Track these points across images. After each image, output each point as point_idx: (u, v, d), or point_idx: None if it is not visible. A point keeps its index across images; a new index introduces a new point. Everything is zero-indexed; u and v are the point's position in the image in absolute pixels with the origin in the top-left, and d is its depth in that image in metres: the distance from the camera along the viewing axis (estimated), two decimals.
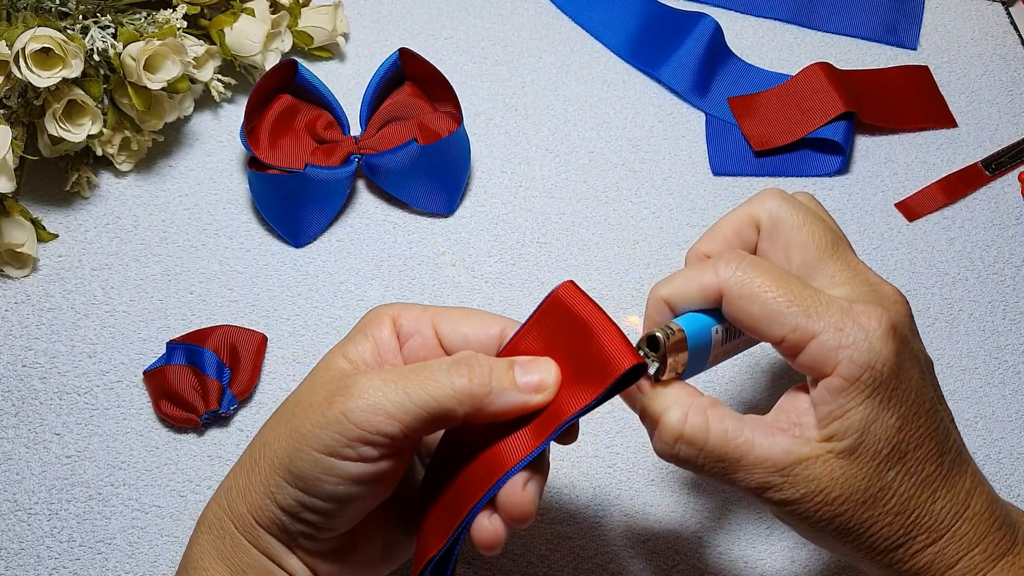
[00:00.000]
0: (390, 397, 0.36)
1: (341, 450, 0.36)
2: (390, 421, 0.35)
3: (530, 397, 0.37)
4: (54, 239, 0.58)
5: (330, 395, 0.37)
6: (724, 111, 0.65)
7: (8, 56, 0.52)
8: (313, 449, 0.36)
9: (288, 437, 0.37)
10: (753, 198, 0.41)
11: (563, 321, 0.38)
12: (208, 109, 0.63)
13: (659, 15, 0.68)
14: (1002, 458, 0.55)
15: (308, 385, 0.39)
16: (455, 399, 0.36)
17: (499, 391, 0.37)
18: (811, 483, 0.36)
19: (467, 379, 0.36)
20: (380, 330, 0.40)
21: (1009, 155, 0.64)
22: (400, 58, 0.60)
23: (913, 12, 0.70)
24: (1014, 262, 0.61)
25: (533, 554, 0.50)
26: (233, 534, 0.39)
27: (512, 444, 0.38)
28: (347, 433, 0.35)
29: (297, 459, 0.36)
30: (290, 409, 0.38)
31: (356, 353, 0.39)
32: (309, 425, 0.36)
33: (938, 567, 0.37)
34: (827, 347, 0.35)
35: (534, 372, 0.37)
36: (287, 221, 0.58)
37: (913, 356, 0.37)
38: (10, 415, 0.53)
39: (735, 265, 0.37)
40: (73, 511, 0.51)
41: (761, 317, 0.36)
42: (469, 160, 0.61)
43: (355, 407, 0.35)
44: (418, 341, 0.40)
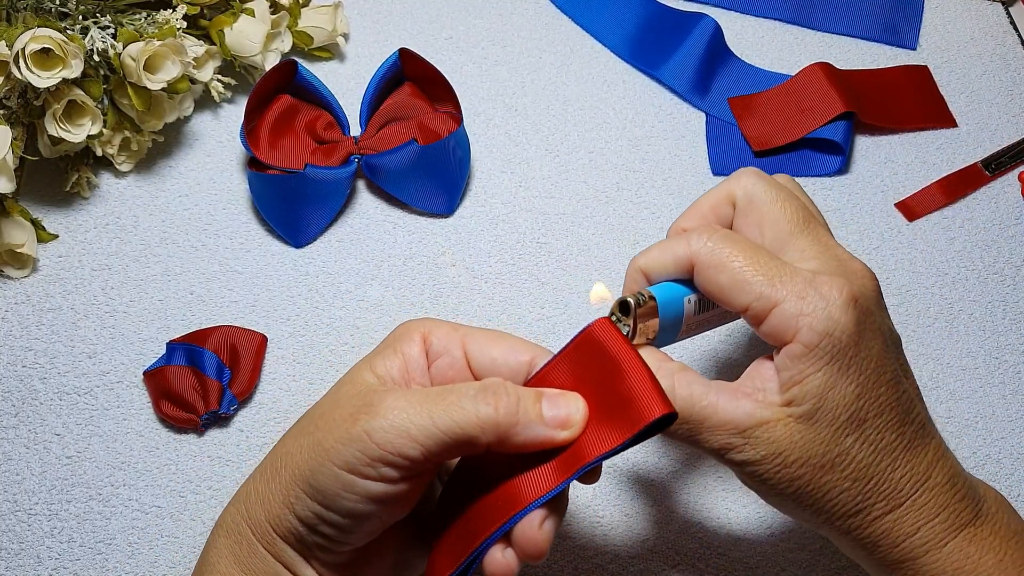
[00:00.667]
0: (414, 420, 0.35)
1: (362, 469, 0.36)
2: (413, 444, 0.35)
3: (556, 433, 0.37)
4: (54, 239, 0.58)
5: (355, 411, 0.36)
6: (724, 111, 0.65)
7: (8, 56, 0.52)
8: (334, 465, 0.36)
9: (311, 450, 0.37)
10: (731, 176, 0.42)
11: (595, 358, 0.38)
12: (208, 109, 0.63)
13: (659, 15, 0.68)
14: (1002, 458, 0.55)
15: (333, 398, 0.39)
16: (479, 427, 0.36)
17: (525, 423, 0.36)
18: (771, 445, 0.38)
19: (493, 408, 0.36)
20: (409, 346, 0.39)
21: (1009, 155, 0.64)
22: (400, 58, 0.60)
23: (913, 12, 0.70)
24: (1014, 262, 0.61)
25: None
26: (250, 540, 0.39)
27: (532, 478, 0.37)
28: (369, 452, 0.35)
29: (318, 473, 0.36)
30: (314, 421, 0.38)
31: (384, 368, 0.39)
32: (332, 440, 0.36)
33: (896, 535, 0.38)
34: (788, 315, 0.37)
35: (562, 407, 0.37)
36: (287, 221, 0.58)
37: (875, 328, 0.38)
38: (10, 415, 0.53)
39: (707, 237, 0.38)
40: (73, 511, 0.51)
41: (728, 286, 0.38)
42: (469, 160, 0.61)
43: (379, 427, 0.35)
44: (446, 361, 0.39)
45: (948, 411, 0.56)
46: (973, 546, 0.39)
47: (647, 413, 0.36)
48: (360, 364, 0.40)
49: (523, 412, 0.36)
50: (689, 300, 0.40)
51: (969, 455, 0.54)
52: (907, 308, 0.59)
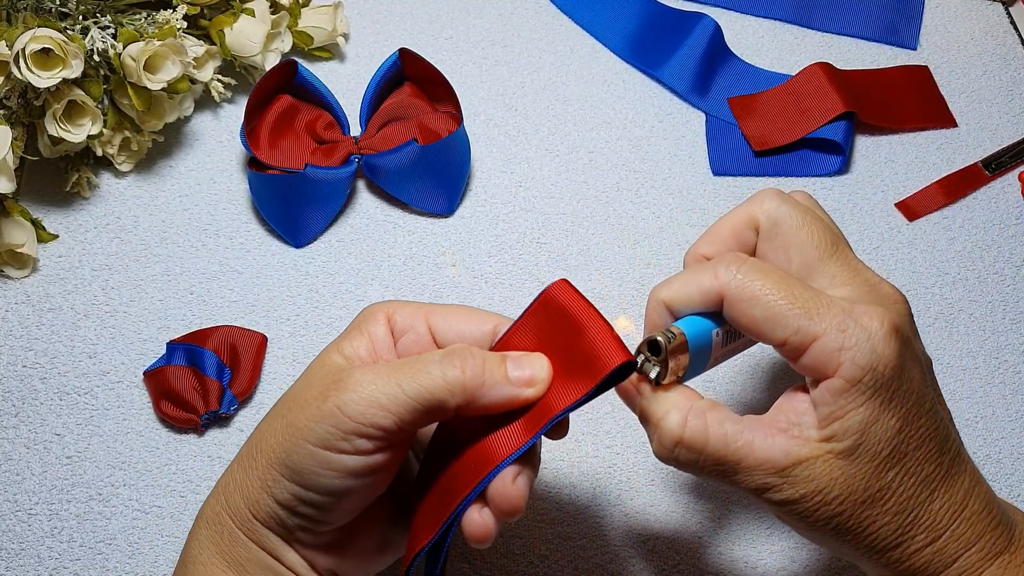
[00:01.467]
0: (383, 390, 0.36)
1: (336, 443, 0.36)
2: (384, 413, 0.36)
3: (521, 391, 0.37)
4: (54, 239, 0.58)
5: (325, 389, 0.37)
6: (724, 111, 0.65)
7: (8, 56, 0.52)
8: (308, 443, 0.36)
9: (284, 432, 0.37)
10: (751, 199, 0.41)
11: (556, 318, 0.38)
12: (208, 109, 0.63)
13: (659, 15, 0.68)
14: (1002, 458, 0.55)
15: (304, 381, 0.39)
16: (447, 390, 0.36)
17: (491, 384, 0.37)
18: (810, 483, 0.36)
19: (459, 371, 0.37)
20: (375, 326, 0.40)
21: (1009, 155, 0.64)
22: (400, 58, 0.60)
23: (913, 12, 0.70)
24: (1014, 262, 0.61)
25: (533, 554, 0.50)
26: (231, 529, 0.39)
27: (502, 437, 0.38)
28: (342, 426, 0.36)
29: (293, 453, 0.37)
30: (286, 404, 0.39)
31: (351, 349, 0.39)
32: (304, 419, 0.37)
33: (936, 566, 0.37)
34: (829, 349, 0.35)
35: (526, 367, 0.38)
36: (287, 221, 0.58)
37: (914, 356, 0.37)
38: (10, 415, 0.53)
39: (735, 268, 0.37)
40: (73, 511, 0.51)
41: (763, 320, 0.36)
42: (469, 160, 0.61)
43: (349, 400, 0.36)
44: (412, 337, 0.40)
45: None
46: (1008, 573, 0.38)
47: (606, 364, 0.36)
48: (328, 348, 0.40)
49: (489, 373, 0.37)
50: (717, 333, 0.39)
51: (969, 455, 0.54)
52: None
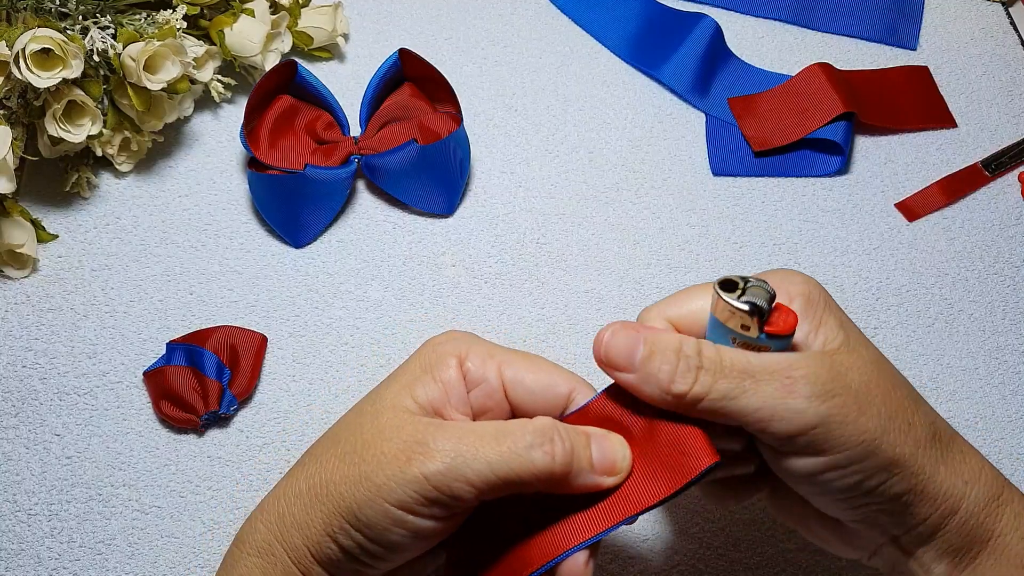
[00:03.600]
0: (472, 465, 0.35)
1: (416, 508, 0.36)
2: (469, 488, 0.36)
3: (603, 479, 0.37)
4: (54, 239, 0.58)
5: (407, 449, 0.36)
6: (724, 111, 0.65)
7: (8, 57, 0.52)
8: (387, 502, 0.36)
9: (359, 483, 0.37)
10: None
11: (637, 400, 0.38)
12: (208, 110, 0.63)
13: (659, 15, 0.68)
14: (1002, 458, 0.55)
15: (375, 426, 0.38)
16: (535, 476, 0.36)
17: (577, 471, 0.36)
18: (830, 380, 0.36)
19: (551, 458, 0.36)
20: (447, 372, 0.39)
21: (1009, 155, 0.64)
22: (400, 58, 0.60)
23: (913, 12, 0.70)
24: (1014, 262, 0.61)
25: None
26: (286, 564, 0.39)
27: (578, 521, 0.37)
28: (426, 494, 0.35)
29: (368, 507, 0.36)
30: (359, 452, 0.38)
31: (424, 396, 0.38)
32: (384, 477, 0.36)
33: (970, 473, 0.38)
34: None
35: (607, 451, 0.37)
36: (287, 221, 0.58)
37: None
38: (10, 416, 0.53)
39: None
40: (73, 512, 0.51)
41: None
42: (469, 160, 0.61)
43: (436, 471, 0.35)
44: (485, 391, 0.39)
45: (948, 411, 0.56)
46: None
47: (695, 464, 0.35)
48: (397, 389, 0.39)
49: (576, 461, 0.36)
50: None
51: None
52: (907, 308, 0.59)
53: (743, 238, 0.60)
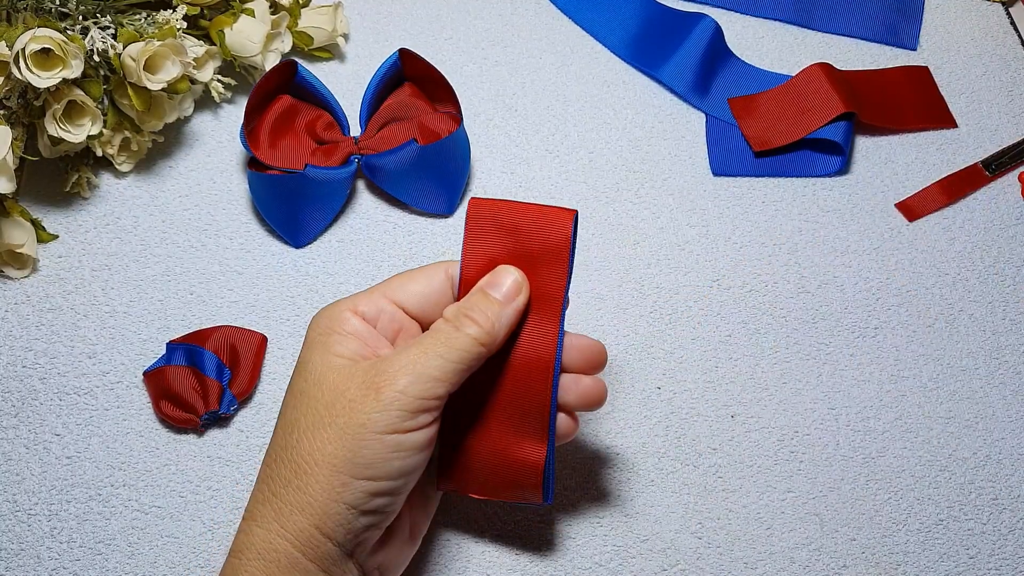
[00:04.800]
0: (432, 363, 0.40)
1: (404, 424, 0.39)
2: (439, 384, 0.40)
3: (517, 303, 0.42)
4: (54, 239, 0.58)
5: (370, 382, 0.40)
6: (724, 111, 0.65)
7: (8, 57, 0.52)
8: (377, 433, 0.39)
9: (342, 434, 0.39)
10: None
11: (491, 230, 0.43)
12: (208, 110, 0.63)
13: (659, 15, 0.68)
14: (1002, 458, 0.55)
15: (325, 391, 0.40)
16: (479, 344, 0.41)
17: (496, 317, 0.41)
18: None
19: (476, 325, 0.41)
20: (349, 324, 0.42)
21: (1009, 155, 0.64)
22: (400, 58, 0.60)
23: (913, 12, 0.70)
24: (1014, 262, 0.61)
25: (533, 554, 0.50)
26: (291, 556, 0.39)
27: (533, 346, 0.42)
28: (408, 407, 0.39)
29: (363, 448, 0.39)
30: (326, 416, 0.40)
31: (346, 350, 0.41)
32: (365, 416, 0.39)
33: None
34: None
35: (501, 284, 0.42)
36: (287, 221, 0.58)
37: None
38: (10, 416, 0.53)
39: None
40: (73, 512, 0.51)
41: None
42: (469, 160, 0.61)
43: (407, 383, 0.39)
44: (387, 318, 0.43)
45: (948, 411, 0.56)
46: None
47: (563, 230, 0.42)
48: (318, 360, 0.41)
49: (492, 311, 0.41)
50: None
51: (969, 455, 0.54)
52: (907, 308, 0.59)
53: (743, 238, 0.60)
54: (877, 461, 0.54)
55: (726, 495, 0.52)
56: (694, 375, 0.56)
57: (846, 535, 0.51)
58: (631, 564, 0.50)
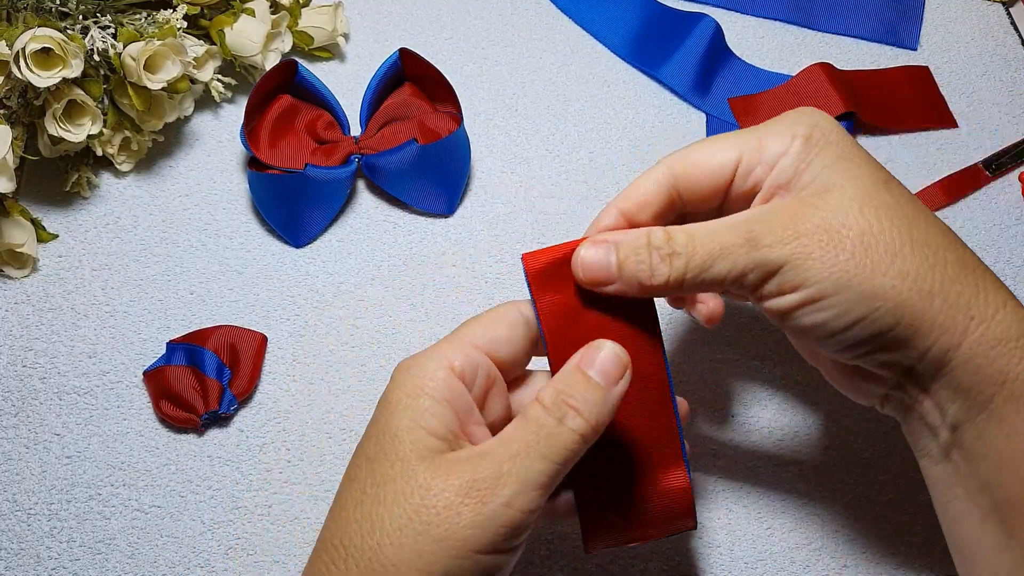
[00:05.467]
0: (535, 470, 0.35)
1: (506, 544, 0.35)
2: (543, 494, 0.35)
3: (621, 386, 0.37)
4: (54, 239, 0.58)
5: (470, 488, 0.34)
6: (724, 111, 0.65)
7: (8, 56, 0.52)
8: (475, 552, 0.34)
9: (438, 547, 0.34)
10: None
11: (555, 277, 0.39)
12: (208, 109, 0.63)
13: (659, 15, 0.68)
14: None
15: (420, 485, 0.35)
16: (584, 441, 0.36)
17: (601, 405, 0.37)
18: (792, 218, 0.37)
19: (581, 419, 0.36)
20: (445, 386, 0.37)
21: (1009, 155, 0.64)
22: (400, 58, 0.60)
23: (913, 12, 0.70)
24: (1014, 262, 0.61)
25: (533, 554, 0.50)
26: None
27: (643, 367, 0.40)
28: (513, 523, 0.34)
29: (458, 565, 0.34)
30: (411, 516, 0.34)
31: (439, 424, 0.36)
32: (466, 529, 0.34)
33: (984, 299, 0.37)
34: (779, 141, 0.38)
35: (600, 363, 0.37)
36: (287, 221, 0.58)
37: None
38: (10, 415, 0.53)
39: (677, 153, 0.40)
40: (73, 511, 0.51)
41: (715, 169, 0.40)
42: (469, 160, 0.61)
43: (512, 495, 0.34)
44: (482, 373, 0.39)
45: None
46: None
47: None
48: (404, 433, 0.36)
49: (595, 398, 0.37)
50: None
51: None
52: None
53: None
54: (878, 462, 0.54)
55: (726, 495, 0.52)
56: (694, 375, 0.56)
57: (846, 536, 0.51)
58: (631, 564, 0.50)
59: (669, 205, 0.40)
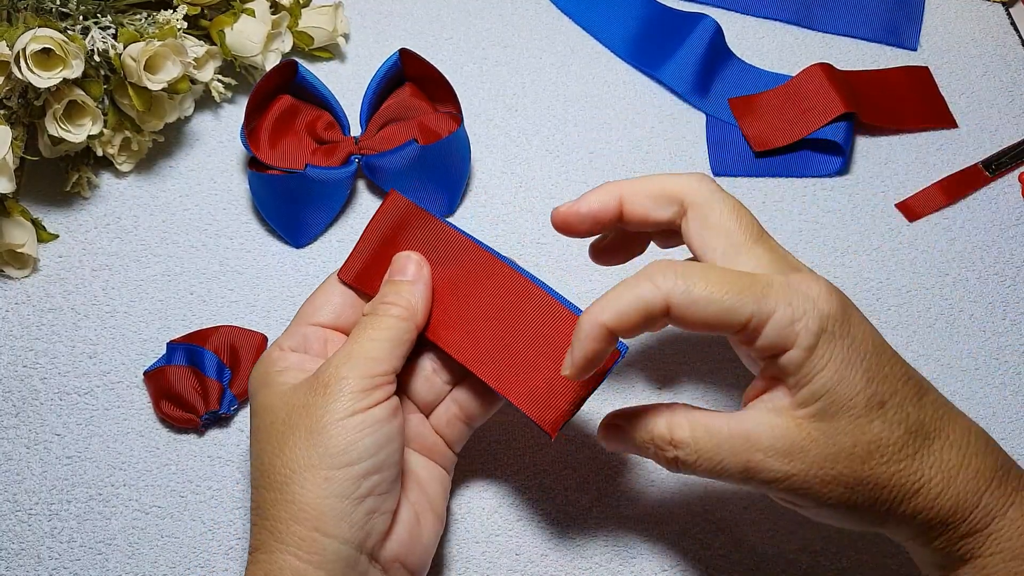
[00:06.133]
0: (366, 347, 0.42)
1: (360, 404, 0.40)
2: (379, 362, 0.42)
3: (424, 275, 0.46)
4: (54, 239, 0.58)
5: (318, 385, 0.41)
6: (724, 112, 0.65)
7: (9, 57, 0.52)
8: (338, 419, 0.40)
9: (309, 436, 0.40)
10: (677, 177, 0.42)
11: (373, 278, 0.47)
12: (208, 109, 0.63)
13: (659, 15, 0.68)
14: None
15: (281, 408, 0.42)
16: (402, 319, 0.43)
17: (409, 292, 0.45)
18: (799, 454, 0.38)
19: (395, 306, 0.44)
20: (282, 361, 0.44)
21: (1009, 155, 0.64)
22: (400, 58, 0.60)
23: (913, 12, 0.70)
24: (1014, 262, 0.61)
25: (533, 554, 0.50)
26: (301, 571, 0.39)
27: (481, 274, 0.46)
28: (357, 387, 0.41)
29: (330, 440, 0.40)
30: (282, 430, 0.41)
31: (288, 378, 0.43)
32: (322, 409, 0.40)
33: (962, 510, 0.38)
34: (783, 324, 0.37)
35: (404, 268, 0.46)
36: (287, 221, 0.58)
37: (858, 312, 0.39)
38: (10, 415, 0.53)
39: (673, 275, 0.37)
40: (73, 512, 0.51)
41: (716, 317, 0.37)
42: (469, 160, 0.61)
43: (349, 368, 0.41)
44: (312, 339, 0.45)
45: None
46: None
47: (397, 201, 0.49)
48: (262, 397, 0.43)
49: (403, 289, 0.45)
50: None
51: None
52: (907, 308, 0.59)
53: None
54: None
55: (727, 497, 0.52)
56: (694, 376, 0.56)
57: (847, 538, 0.51)
58: (631, 564, 0.50)
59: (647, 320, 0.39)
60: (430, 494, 0.46)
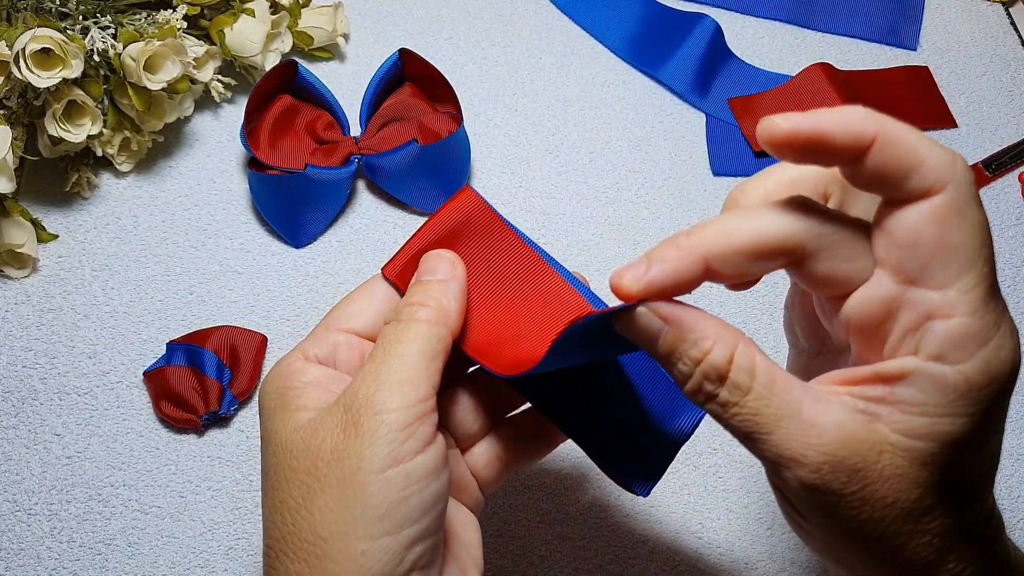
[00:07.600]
0: (396, 367, 0.34)
1: (402, 449, 0.32)
2: (415, 385, 0.33)
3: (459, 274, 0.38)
4: (54, 239, 0.58)
5: (345, 422, 0.33)
6: (724, 111, 0.65)
7: (8, 56, 0.52)
8: (377, 473, 0.32)
9: (341, 493, 0.32)
10: (776, 214, 0.32)
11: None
12: (208, 109, 0.63)
13: (659, 15, 0.68)
14: (1003, 459, 0.54)
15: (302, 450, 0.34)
16: (433, 324, 0.35)
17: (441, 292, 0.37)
18: (859, 475, 0.29)
19: (424, 307, 0.36)
20: (305, 374, 0.36)
21: (1009, 155, 0.64)
22: (400, 58, 0.60)
23: (913, 12, 0.70)
24: (1014, 263, 0.61)
25: (533, 554, 0.50)
26: None
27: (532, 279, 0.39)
28: (396, 424, 0.32)
29: (368, 499, 0.32)
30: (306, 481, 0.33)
31: (308, 402, 0.35)
32: (355, 458, 0.32)
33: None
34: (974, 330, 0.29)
35: (434, 268, 0.38)
36: (287, 221, 0.58)
37: None
38: (10, 415, 0.53)
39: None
40: (73, 512, 0.51)
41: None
42: (469, 160, 0.61)
43: (383, 400, 0.33)
44: (343, 350, 0.37)
45: None
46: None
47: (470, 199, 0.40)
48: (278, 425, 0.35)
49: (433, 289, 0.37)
50: None
51: None
52: None
53: None
54: None
55: (726, 495, 0.52)
56: None
57: None
58: (631, 565, 0.50)
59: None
60: (468, 546, 0.38)
